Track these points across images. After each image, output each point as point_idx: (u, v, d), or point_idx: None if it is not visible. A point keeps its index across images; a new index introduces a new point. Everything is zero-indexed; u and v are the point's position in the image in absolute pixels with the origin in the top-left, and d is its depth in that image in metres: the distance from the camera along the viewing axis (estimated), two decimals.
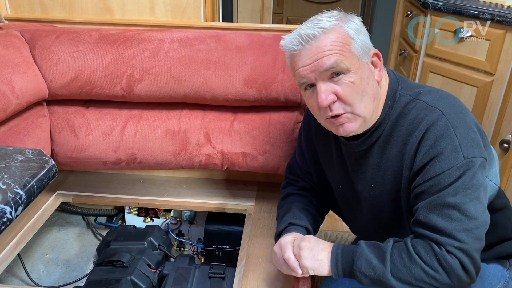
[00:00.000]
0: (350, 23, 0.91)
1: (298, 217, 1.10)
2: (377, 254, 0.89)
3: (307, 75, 0.90)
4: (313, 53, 0.89)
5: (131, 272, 1.35)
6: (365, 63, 0.91)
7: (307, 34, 0.89)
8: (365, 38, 0.92)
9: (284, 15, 4.36)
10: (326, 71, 0.88)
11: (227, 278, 1.37)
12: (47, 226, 1.76)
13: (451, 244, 0.84)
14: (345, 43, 0.89)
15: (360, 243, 0.93)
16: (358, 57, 0.90)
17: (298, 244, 0.97)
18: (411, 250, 0.87)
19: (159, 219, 1.72)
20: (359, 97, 0.90)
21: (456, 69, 1.84)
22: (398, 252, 0.88)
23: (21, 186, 0.78)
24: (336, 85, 0.89)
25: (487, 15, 1.65)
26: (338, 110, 0.91)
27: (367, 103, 0.91)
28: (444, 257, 0.84)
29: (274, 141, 1.40)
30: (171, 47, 1.35)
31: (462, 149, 0.86)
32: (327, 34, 0.88)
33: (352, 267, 0.90)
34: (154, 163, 1.45)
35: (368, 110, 0.92)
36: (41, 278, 1.58)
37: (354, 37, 0.90)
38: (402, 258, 0.87)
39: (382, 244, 0.91)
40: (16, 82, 1.25)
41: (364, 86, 0.90)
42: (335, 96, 0.90)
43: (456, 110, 0.90)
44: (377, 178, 1.00)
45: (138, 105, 1.45)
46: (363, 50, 0.91)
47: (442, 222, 0.85)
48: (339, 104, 0.90)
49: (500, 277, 1.08)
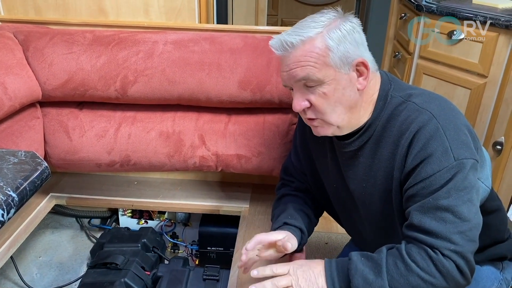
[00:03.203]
0: (335, 32, 0.89)
1: (294, 217, 1.10)
2: (373, 267, 0.87)
3: (285, 80, 0.95)
4: (290, 61, 0.91)
5: (125, 275, 1.35)
6: (343, 74, 0.90)
7: (286, 41, 0.90)
8: (349, 47, 0.90)
9: (279, 17, 4.36)
10: (299, 81, 0.91)
11: (221, 280, 1.37)
12: (40, 228, 1.75)
13: (447, 247, 0.84)
14: (322, 55, 0.89)
15: (352, 257, 0.90)
16: (335, 68, 0.90)
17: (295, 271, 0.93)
18: (406, 258, 0.85)
19: (153, 221, 1.72)
20: (331, 107, 0.92)
21: (449, 71, 1.85)
22: (393, 262, 0.86)
23: (13, 189, 0.78)
24: (310, 93, 0.92)
25: (480, 18, 1.67)
26: (310, 116, 0.95)
27: (340, 113, 0.93)
28: (440, 261, 0.84)
29: (269, 143, 1.40)
30: (165, 49, 1.35)
31: (452, 150, 0.86)
32: (305, 44, 0.89)
33: (349, 285, 0.88)
34: (148, 165, 1.44)
35: (341, 119, 0.94)
36: (34, 280, 1.58)
37: (333, 49, 0.88)
38: (398, 268, 0.85)
39: (376, 255, 0.89)
40: (9, 83, 1.25)
41: (338, 97, 0.92)
42: (308, 103, 0.93)
43: (447, 112, 0.91)
44: (369, 178, 1.00)
45: (132, 107, 1.45)
46: (342, 60, 0.89)
47: (435, 225, 0.85)
48: (311, 111, 0.94)
49: (494, 279, 1.08)
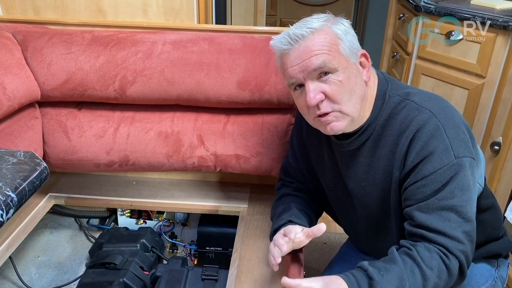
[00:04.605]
0: (338, 25, 0.93)
1: (297, 216, 1.10)
2: (396, 282, 0.83)
3: (296, 75, 0.92)
4: (301, 53, 0.90)
5: (124, 275, 1.35)
6: (352, 63, 0.93)
7: (295, 34, 0.90)
8: (353, 39, 0.93)
9: (277, 17, 4.37)
10: (314, 70, 0.90)
11: (220, 280, 1.37)
12: (39, 228, 1.75)
13: (456, 247, 0.85)
14: (333, 43, 0.90)
15: (369, 270, 0.85)
16: (346, 57, 0.91)
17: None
18: (422, 265, 0.84)
19: (152, 221, 1.72)
20: (347, 96, 0.91)
21: (447, 71, 1.86)
22: (410, 271, 0.84)
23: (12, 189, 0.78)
24: (324, 84, 0.90)
25: (478, 18, 1.67)
26: (326, 109, 0.92)
27: (355, 102, 0.92)
28: (451, 263, 0.85)
29: (267, 143, 1.40)
30: (164, 49, 1.35)
31: (453, 148, 0.87)
32: (315, 34, 0.90)
33: None
34: (147, 165, 1.44)
35: (356, 109, 0.93)
36: (32, 280, 1.57)
37: (342, 38, 0.91)
38: (415, 276, 0.83)
39: (394, 267, 0.85)
40: (8, 83, 1.24)
41: (352, 85, 0.91)
42: (323, 95, 0.91)
43: (445, 110, 0.92)
44: (368, 177, 1.01)
45: (131, 107, 1.45)
46: (351, 50, 0.92)
47: (442, 225, 0.86)
48: (327, 103, 0.91)
49: (488, 277, 1.09)
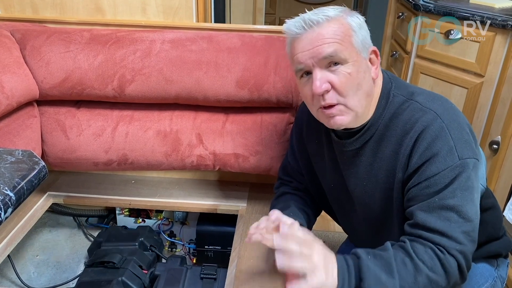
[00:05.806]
0: (354, 17, 0.92)
1: (296, 215, 1.10)
2: (383, 266, 0.84)
3: (305, 60, 0.90)
4: (314, 39, 0.89)
5: (123, 273, 1.35)
6: (363, 58, 0.92)
7: (311, 19, 0.89)
8: (366, 34, 0.93)
9: (276, 16, 4.36)
10: (324, 58, 0.88)
11: (219, 279, 1.37)
12: (37, 227, 1.75)
13: (453, 247, 0.84)
14: (347, 34, 0.89)
15: (360, 255, 0.86)
16: (358, 50, 0.91)
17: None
18: (414, 257, 0.84)
19: (150, 220, 1.72)
20: (354, 89, 0.90)
21: (446, 70, 1.86)
22: (401, 261, 0.84)
23: (10, 188, 0.78)
24: (333, 75, 0.89)
25: (477, 18, 1.67)
26: (331, 100, 0.90)
27: (361, 98, 0.91)
28: (447, 260, 0.84)
29: (266, 142, 1.40)
30: (162, 48, 1.35)
31: (457, 150, 0.87)
32: (330, 22, 0.89)
33: (360, 285, 0.84)
34: (145, 164, 1.44)
35: (361, 105, 0.92)
36: (31, 279, 1.57)
37: (356, 30, 0.91)
38: (407, 267, 0.84)
39: (383, 253, 0.86)
40: (6, 82, 1.24)
41: (360, 80, 0.90)
42: (330, 85, 0.89)
43: (449, 111, 0.91)
44: (370, 177, 1.00)
45: (130, 105, 1.45)
46: (363, 44, 0.92)
47: (441, 224, 0.85)
48: (333, 94, 0.90)
49: (488, 276, 1.09)
